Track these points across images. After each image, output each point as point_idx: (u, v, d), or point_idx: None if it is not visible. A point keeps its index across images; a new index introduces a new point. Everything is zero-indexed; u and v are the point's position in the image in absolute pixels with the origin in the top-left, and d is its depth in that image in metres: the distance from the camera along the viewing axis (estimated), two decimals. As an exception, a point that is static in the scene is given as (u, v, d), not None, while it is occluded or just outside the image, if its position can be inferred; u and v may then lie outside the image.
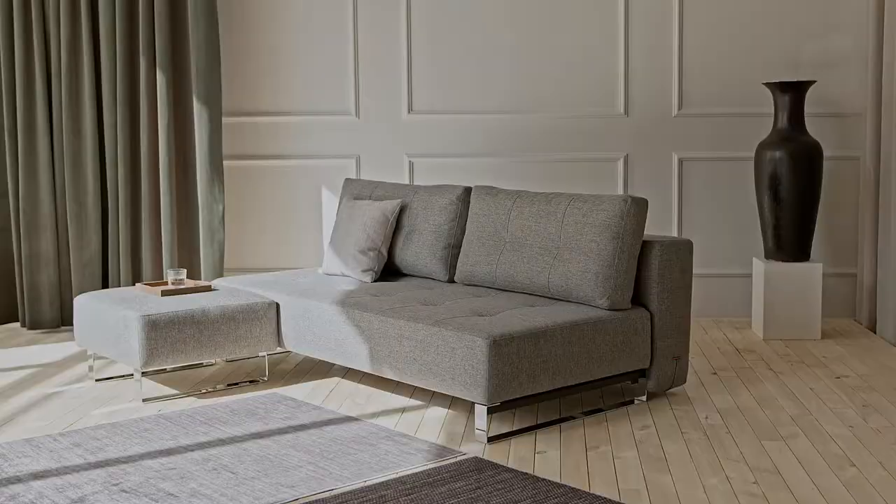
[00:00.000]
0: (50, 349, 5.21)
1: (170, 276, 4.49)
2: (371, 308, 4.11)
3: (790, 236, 5.29)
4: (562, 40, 5.79)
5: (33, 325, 5.62)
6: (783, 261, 5.33)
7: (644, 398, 4.18)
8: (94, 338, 4.42)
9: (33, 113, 5.55)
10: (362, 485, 3.25)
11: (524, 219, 4.29)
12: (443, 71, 5.86)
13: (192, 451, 3.58)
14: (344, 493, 3.16)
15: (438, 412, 4.05)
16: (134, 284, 5.62)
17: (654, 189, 5.76)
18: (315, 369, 4.78)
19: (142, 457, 3.52)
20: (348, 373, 4.69)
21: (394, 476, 3.32)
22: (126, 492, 3.19)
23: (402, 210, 4.82)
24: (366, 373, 4.66)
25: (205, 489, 3.20)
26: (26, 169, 5.55)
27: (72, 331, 5.67)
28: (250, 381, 4.53)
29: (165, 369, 4.64)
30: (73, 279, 5.60)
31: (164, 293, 4.38)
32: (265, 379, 4.57)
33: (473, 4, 5.82)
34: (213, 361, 4.80)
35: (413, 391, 4.36)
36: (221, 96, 5.58)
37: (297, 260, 6.00)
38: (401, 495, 3.14)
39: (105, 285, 5.69)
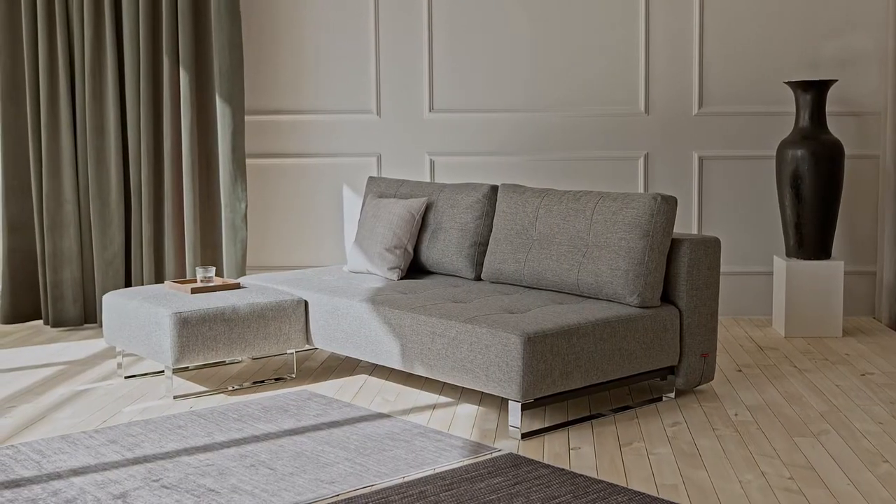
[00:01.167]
0: (75, 347, 5.23)
1: (199, 273, 4.51)
2: (402, 305, 4.13)
3: (812, 234, 5.31)
4: (583, 39, 5.81)
5: (56, 323, 5.64)
6: (804, 259, 5.36)
7: (672, 395, 4.20)
8: (123, 335, 4.44)
9: (57, 112, 5.57)
10: (401, 481, 3.27)
11: (552, 217, 4.32)
12: (464, 69, 5.88)
13: (228, 447, 3.60)
14: (384, 489, 3.18)
15: (468, 409, 4.07)
16: (156, 283, 5.65)
17: (675, 187, 5.79)
18: (341, 366, 4.80)
19: (178, 453, 3.54)
20: (375, 370, 4.72)
21: (431, 472, 3.35)
22: (167, 487, 3.21)
23: (427, 208, 4.84)
24: (392, 370, 4.69)
25: (245, 485, 3.23)
26: (50, 167, 5.57)
27: (95, 328, 5.70)
28: (275, 379, 4.55)
29: (188, 367, 4.66)
30: (95, 277, 5.62)
31: (194, 291, 4.40)
32: (293, 376, 4.59)
33: (494, 3, 5.84)
34: (239, 359, 4.82)
35: (441, 388, 4.38)
36: (244, 95, 5.60)
37: (318, 258, 6.02)
38: (441, 491, 3.17)
39: (128, 283, 5.71)
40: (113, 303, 4.50)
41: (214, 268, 4.58)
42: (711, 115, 5.78)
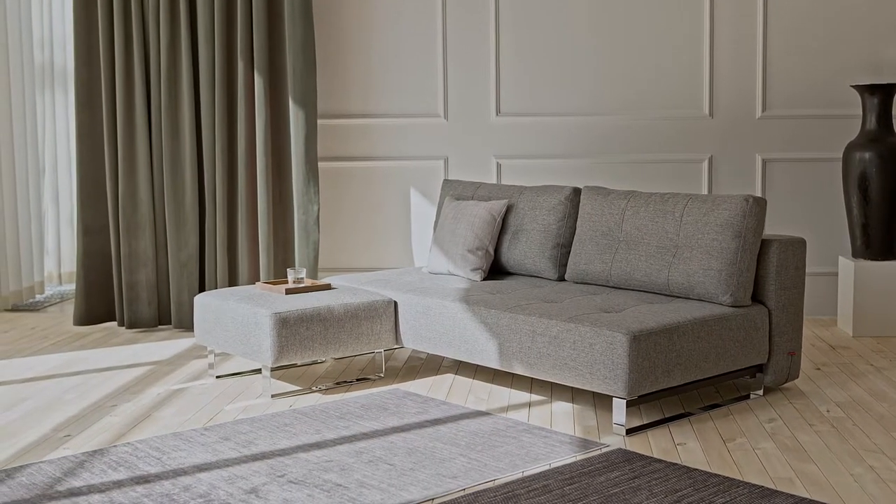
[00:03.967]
0: (155, 347, 5.31)
1: (290, 275, 4.59)
2: (497, 305, 4.21)
3: (879, 235, 5.40)
4: (647, 43, 5.90)
5: (131, 325, 5.72)
6: (872, 259, 5.44)
7: (760, 392, 4.28)
8: (216, 335, 4.53)
9: (133, 116, 5.66)
10: (520, 475, 3.35)
11: (639, 218, 4.40)
12: (530, 73, 5.97)
13: (340, 444, 3.68)
14: (508, 483, 3.26)
15: (564, 406, 4.15)
16: (230, 284, 5.73)
17: (738, 189, 5.87)
18: (425, 366, 4.88)
19: (294, 450, 3.62)
20: (460, 369, 4.80)
21: (547, 467, 3.43)
22: (294, 483, 3.29)
23: (507, 210, 4.92)
24: (478, 369, 4.77)
25: (370, 480, 3.31)
26: (126, 170, 5.65)
27: (170, 329, 5.78)
28: (358, 380, 4.62)
29: (283, 366, 4.74)
30: (170, 279, 5.70)
31: (288, 291, 4.48)
32: (381, 376, 4.67)
33: (560, 8, 5.93)
34: (322, 359, 4.90)
35: (531, 386, 4.47)
36: (317, 97, 5.69)
37: (385, 260, 6.11)
38: (563, 485, 3.25)
39: (202, 285, 5.79)
40: (206, 303, 4.59)
41: (305, 269, 4.66)
42: (775, 117, 5.87)
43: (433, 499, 3.14)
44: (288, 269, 4.61)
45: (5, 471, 3.41)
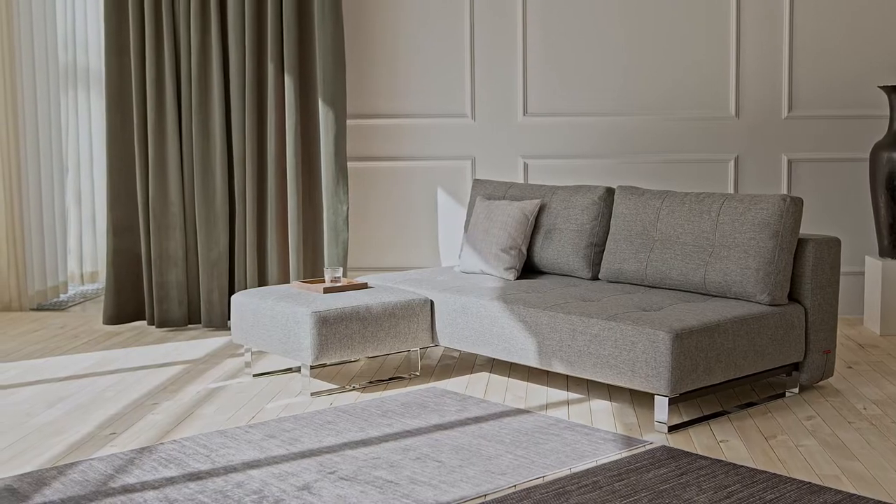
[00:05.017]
0: (186, 346, 5.34)
1: (327, 274, 4.62)
2: (536, 304, 4.25)
3: (906, 234, 5.44)
4: (673, 43, 5.94)
5: (161, 324, 5.75)
6: (899, 258, 5.48)
7: (796, 391, 4.32)
8: (254, 334, 4.56)
9: (163, 117, 5.69)
10: (568, 472, 3.39)
11: (675, 217, 4.43)
12: (557, 74, 6.01)
13: (386, 441, 3.71)
14: (557, 480, 3.30)
15: (602, 404, 4.19)
16: (259, 284, 5.76)
17: (764, 190, 5.91)
18: (459, 364, 4.92)
19: (341, 447, 3.65)
20: (494, 367, 4.83)
21: (594, 464, 3.46)
22: (345, 479, 3.32)
23: (540, 210, 4.96)
24: (513, 367, 4.80)
25: (420, 477, 3.34)
26: (156, 171, 5.69)
27: (200, 329, 5.81)
28: (392, 378, 4.65)
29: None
30: (200, 278, 5.73)
31: (327, 290, 4.51)
32: (417, 374, 4.71)
33: (587, 9, 5.96)
34: (356, 358, 4.93)
35: (567, 384, 4.50)
36: (346, 97, 5.72)
37: (412, 259, 6.15)
38: (613, 481, 3.28)
39: (231, 285, 5.82)
40: (243, 302, 4.62)
41: (342, 268, 4.70)
42: (801, 118, 5.91)
43: (485, 495, 3.17)
44: (325, 269, 4.64)
45: (57, 468, 3.44)
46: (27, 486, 3.28)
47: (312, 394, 4.37)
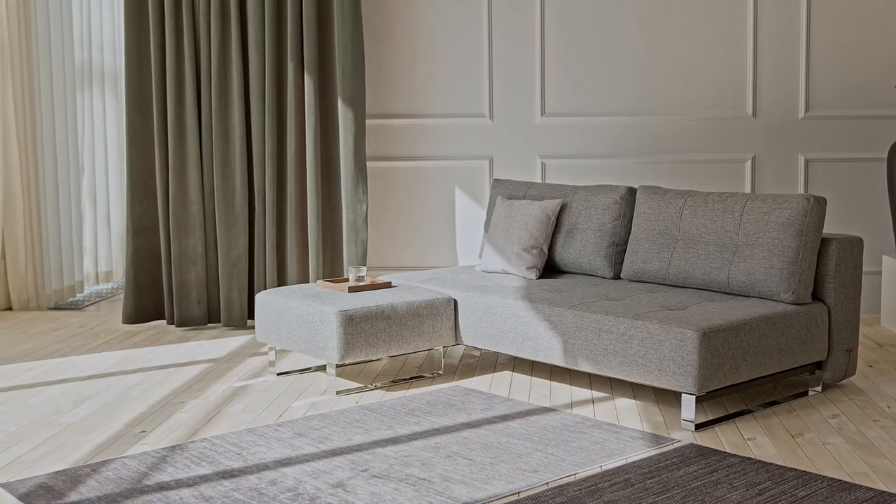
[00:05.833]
0: (208, 346, 5.36)
1: (351, 273, 4.64)
2: (561, 303, 4.27)
3: (924, 234, 5.46)
4: (691, 43, 5.96)
5: (181, 323, 5.77)
6: (916, 258, 5.51)
7: (819, 389, 4.34)
8: (278, 333, 4.58)
9: (183, 116, 5.72)
10: (599, 469, 3.41)
11: (698, 217, 4.46)
12: (574, 74, 6.03)
13: (415, 439, 3.73)
14: (589, 477, 3.32)
15: (626, 403, 4.21)
16: (279, 284, 5.79)
17: (780, 190, 5.93)
18: (481, 363, 4.94)
19: (371, 445, 3.67)
20: (516, 366, 4.85)
21: (624, 461, 3.48)
22: (378, 477, 3.34)
23: (561, 209, 4.98)
24: (535, 366, 4.83)
25: (452, 474, 3.36)
26: (176, 170, 5.71)
27: (219, 328, 5.83)
28: (415, 377, 4.67)
29: (328, 364, 4.79)
30: (220, 277, 5.75)
31: (352, 289, 4.53)
32: (440, 373, 4.73)
33: (605, 8, 5.99)
34: (378, 357, 4.95)
35: (591, 383, 4.52)
36: (365, 97, 5.75)
37: (430, 258, 6.17)
38: (644, 478, 3.30)
39: (251, 284, 5.84)
40: (267, 301, 4.64)
41: (365, 267, 4.72)
42: (818, 118, 5.93)
43: (519, 492, 3.20)
44: (349, 268, 4.66)
45: (90, 465, 3.46)
46: (62, 483, 3.30)
47: (338, 392, 4.39)
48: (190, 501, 3.13)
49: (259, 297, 4.70)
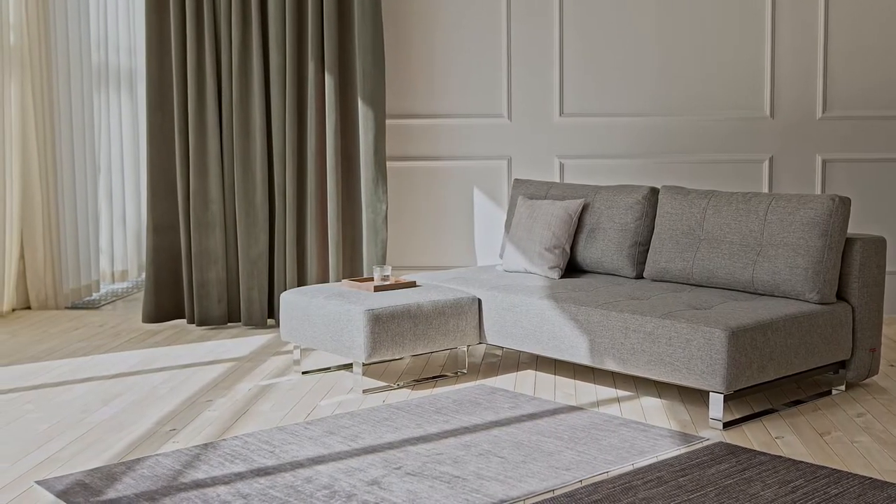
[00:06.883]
0: (231, 344, 5.38)
1: (376, 272, 4.67)
2: (587, 302, 4.29)
3: (942, 234, 5.49)
4: (709, 44, 5.98)
5: (201, 322, 5.80)
6: (934, 257, 5.54)
7: (843, 388, 4.37)
8: (303, 332, 4.60)
9: (204, 114, 5.74)
10: (631, 468, 3.43)
11: (721, 216, 4.48)
12: (593, 75, 6.05)
13: (445, 437, 3.76)
14: (622, 475, 3.34)
15: (652, 401, 4.23)
16: (299, 284, 5.81)
17: (798, 190, 5.96)
18: (504, 362, 4.96)
19: (402, 443, 3.69)
20: (539, 365, 4.88)
21: (655, 459, 3.51)
22: (412, 475, 3.36)
23: (583, 209, 5.01)
24: (559, 365, 4.85)
25: (486, 472, 3.38)
26: (197, 168, 5.73)
27: (240, 327, 5.85)
28: (438, 376, 4.69)
29: (354, 362, 4.82)
30: (240, 276, 5.78)
31: (377, 289, 4.56)
32: (464, 372, 4.75)
33: (623, 9, 6.01)
34: (401, 356, 4.97)
35: (615, 381, 4.55)
36: (385, 96, 5.77)
37: (449, 258, 6.19)
38: (676, 476, 3.33)
39: (271, 283, 5.86)
40: (292, 300, 4.66)
41: (390, 267, 4.74)
42: (835, 118, 5.96)
43: (553, 490, 3.22)
44: (374, 267, 4.68)
45: (125, 463, 3.49)
46: (98, 481, 3.32)
47: (364, 391, 4.41)
48: (228, 499, 3.16)
49: (284, 297, 4.72)
